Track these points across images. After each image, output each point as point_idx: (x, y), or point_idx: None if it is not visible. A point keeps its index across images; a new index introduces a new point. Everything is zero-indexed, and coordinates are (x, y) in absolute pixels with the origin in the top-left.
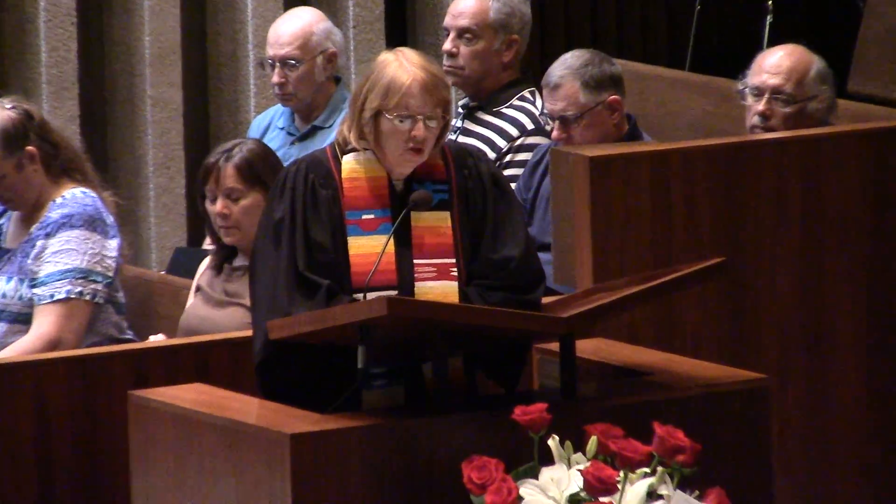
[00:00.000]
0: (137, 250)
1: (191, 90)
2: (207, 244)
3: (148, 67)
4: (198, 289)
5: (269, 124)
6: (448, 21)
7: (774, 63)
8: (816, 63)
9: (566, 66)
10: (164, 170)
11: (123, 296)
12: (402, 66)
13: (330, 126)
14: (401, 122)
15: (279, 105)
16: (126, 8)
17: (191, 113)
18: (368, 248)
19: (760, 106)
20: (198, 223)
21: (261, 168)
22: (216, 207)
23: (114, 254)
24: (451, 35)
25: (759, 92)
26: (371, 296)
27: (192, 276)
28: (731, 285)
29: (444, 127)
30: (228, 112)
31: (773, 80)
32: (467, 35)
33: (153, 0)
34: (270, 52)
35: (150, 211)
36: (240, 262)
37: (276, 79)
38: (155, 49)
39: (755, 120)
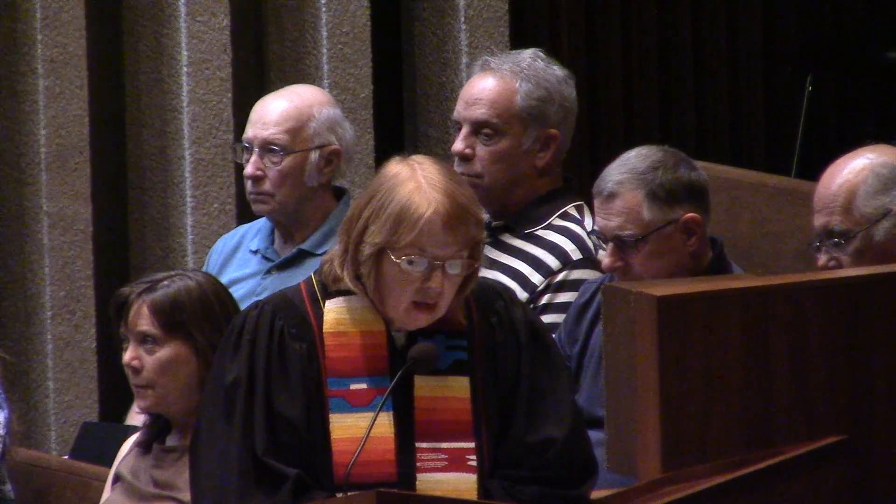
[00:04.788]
0: (32, 425)
1: (103, 203)
2: (133, 418)
3: (44, 173)
4: (117, 478)
5: (237, 245)
6: (459, 111)
7: (820, 194)
8: (871, 172)
9: (627, 168)
10: (66, 315)
11: (12, 489)
12: (420, 188)
13: (323, 254)
14: (411, 266)
15: (256, 222)
16: (14, 90)
17: (103, 235)
18: (357, 429)
19: (820, 259)
20: (113, 388)
21: (188, 312)
22: (124, 356)
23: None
24: (464, 130)
25: (818, 240)
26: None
27: (104, 462)
28: (856, 474)
29: (471, 276)
30: (155, 234)
31: (821, 219)
32: (486, 130)
33: (50, 79)
34: (250, 132)
35: (48, 371)
36: (175, 440)
37: (249, 169)
38: (53, 147)
39: None
